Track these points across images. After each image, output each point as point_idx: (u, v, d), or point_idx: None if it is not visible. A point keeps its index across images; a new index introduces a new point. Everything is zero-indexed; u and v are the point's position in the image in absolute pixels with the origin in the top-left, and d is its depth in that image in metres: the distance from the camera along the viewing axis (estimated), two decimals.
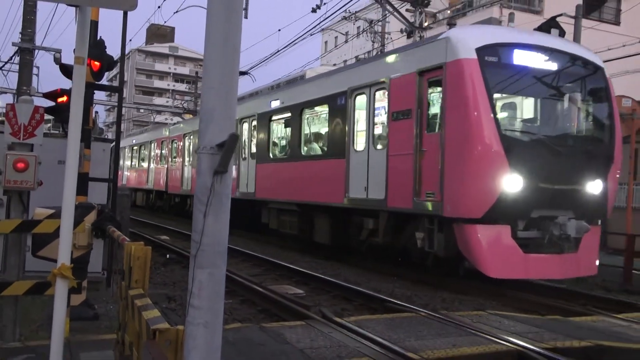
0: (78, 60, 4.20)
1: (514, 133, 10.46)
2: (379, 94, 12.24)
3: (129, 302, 3.87)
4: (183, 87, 73.74)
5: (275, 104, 16.75)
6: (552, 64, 10.71)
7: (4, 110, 9.75)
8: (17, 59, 18.94)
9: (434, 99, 10.84)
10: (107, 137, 47.04)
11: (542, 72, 10.63)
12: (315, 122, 15.56)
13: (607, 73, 11.38)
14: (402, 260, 12.75)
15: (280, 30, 52.02)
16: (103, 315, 7.22)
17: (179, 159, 25.54)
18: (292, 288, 10.29)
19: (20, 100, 6.45)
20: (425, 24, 21.35)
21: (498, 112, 10.23)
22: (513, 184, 9.70)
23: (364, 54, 31.98)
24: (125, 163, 36.46)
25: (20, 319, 5.91)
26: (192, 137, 24.05)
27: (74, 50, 4.24)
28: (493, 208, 9.65)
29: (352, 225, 13.51)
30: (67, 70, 7.82)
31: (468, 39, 10.24)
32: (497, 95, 10.33)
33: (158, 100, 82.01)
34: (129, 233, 12.42)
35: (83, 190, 7.52)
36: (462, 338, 6.51)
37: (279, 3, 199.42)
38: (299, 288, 10.42)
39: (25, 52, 16.74)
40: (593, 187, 10.46)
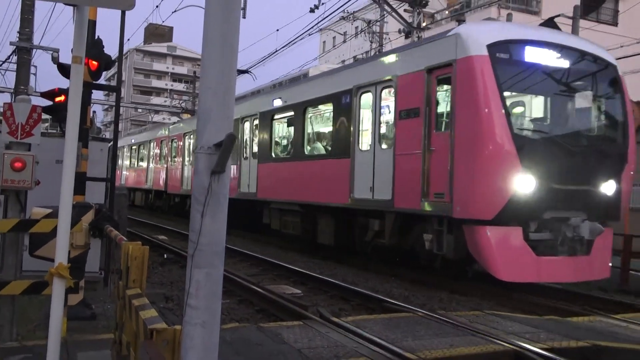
0: (76, 60, 4.20)
1: (526, 132, 10.21)
2: (386, 92, 12.03)
3: (127, 301, 3.87)
4: (181, 86, 73.62)
5: (278, 103, 16.54)
6: (564, 61, 10.47)
7: (2, 110, 9.74)
8: (14, 58, 18.89)
9: (443, 97, 10.61)
10: (104, 136, 47.03)
11: (554, 69, 10.39)
12: (319, 121, 15.33)
13: (619, 70, 11.11)
14: (400, 261, 12.69)
15: (279, 30, 51.95)
16: (100, 315, 7.21)
17: (179, 159, 25.38)
18: (289, 288, 10.30)
19: (18, 100, 6.44)
20: (423, 24, 21.36)
21: (510, 110, 9.98)
22: (525, 185, 9.46)
23: (362, 54, 31.99)
24: (124, 162, 36.36)
25: (18, 319, 5.90)
26: (192, 136, 23.93)
27: (72, 50, 4.24)
28: (504, 209, 9.43)
29: (356, 226, 13.30)
30: (64, 70, 7.82)
31: (479, 36, 10.00)
32: (508, 93, 10.09)
33: (156, 100, 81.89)
34: (127, 233, 12.42)
35: (80, 190, 7.52)
36: (459, 338, 6.51)
37: (278, 3, 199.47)
38: (297, 288, 10.43)
39: (23, 51, 16.64)
40: (606, 187, 10.21)
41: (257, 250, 15.18)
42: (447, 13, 35.02)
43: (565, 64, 10.49)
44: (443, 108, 10.60)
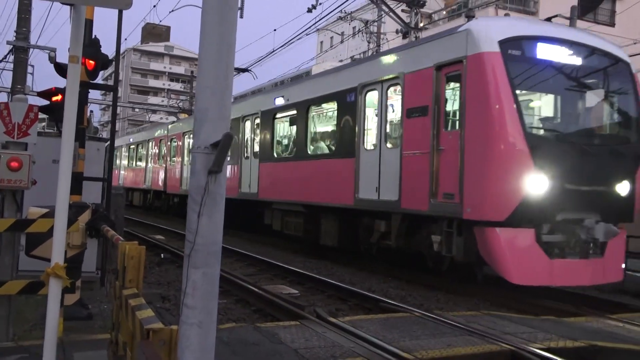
0: (73, 59, 4.18)
1: (539, 131, 9.97)
2: (392, 90, 11.80)
3: (123, 301, 3.86)
4: (178, 86, 73.64)
5: (280, 101, 16.30)
6: (576, 58, 10.20)
7: None
8: (11, 58, 18.90)
9: (453, 95, 10.34)
10: (101, 136, 46.93)
11: (566, 66, 10.15)
12: (323, 119, 15.04)
13: (633, 68, 10.92)
14: (407, 263, 12.56)
15: (276, 30, 52.05)
16: (97, 315, 7.20)
17: (179, 158, 25.13)
18: (286, 288, 10.30)
19: (15, 99, 6.43)
20: (421, 25, 21.37)
21: (522, 108, 9.66)
22: (538, 185, 9.19)
23: (359, 55, 32.01)
24: (122, 162, 36.19)
25: (14, 319, 5.88)
26: (192, 135, 23.75)
27: (69, 49, 4.23)
28: (517, 210, 9.15)
29: (361, 228, 13.02)
30: (61, 69, 7.79)
31: (490, 31, 9.74)
32: (521, 91, 9.82)
33: (153, 100, 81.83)
34: (124, 232, 12.41)
35: (77, 190, 7.51)
36: (456, 338, 6.51)
37: (275, 3, 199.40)
38: (294, 288, 10.43)
39: (20, 50, 16.69)
40: (621, 188, 9.94)
41: (252, 250, 15.16)
42: (444, 13, 35.06)
43: (578, 61, 10.24)
44: (452, 106, 10.34)
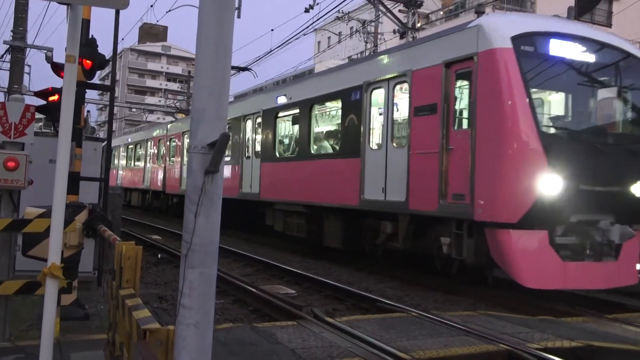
0: (69, 59, 4.18)
1: (553, 130, 9.63)
2: (399, 88, 11.48)
3: (120, 302, 3.86)
4: (175, 86, 73.62)
5: (282, 100, 16.04)
6: (590, 55, 9.90)
7: None
8: (8, 57, 18.86)
9: (463, 93, 10.02)
10: (98, 136, 46.86)
11: (580, 63, 9.84)
12: (326, 118, 14.70)
13: None
14: (402, 262, 12.54)
15: (274, 30, 52.06)
16: (93, 315, 7.19)
17: (178, 158, 24.92)
18: (283, 288, 10.29)
19: (11, 99, 6.43)
20: (418, 25, 21.39)
21: (535, 106, 9.33)
22: (552, 186, 8.84)
23: (357, 55, 32.01)
24: (120, 162, 36.04)
25: (10, 319, 5.88)
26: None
27: (66, 49, 4.22)
28: (530, 211, 8.81)
29: (367, 229, 12.66)
30: (58, 69, 7.78)
31: (502, 27, 9.43)
32: (534, 89, 9.48)
33: (150, 100, 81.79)
34: (121, 232, 12.40)
35: (74, 190, 7.50)
36: (453, 338, 6.52)
37: (273, 3, 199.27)
38: (291, 288, 10.41)
39: (17, 50, 16.67)
40: (636, 188, 9.60)
41: (251, 250, 15.13)
42: (441, 13, 35.10)
43: (592, 58, 9.96)
44: (462, 104, 10.05)
